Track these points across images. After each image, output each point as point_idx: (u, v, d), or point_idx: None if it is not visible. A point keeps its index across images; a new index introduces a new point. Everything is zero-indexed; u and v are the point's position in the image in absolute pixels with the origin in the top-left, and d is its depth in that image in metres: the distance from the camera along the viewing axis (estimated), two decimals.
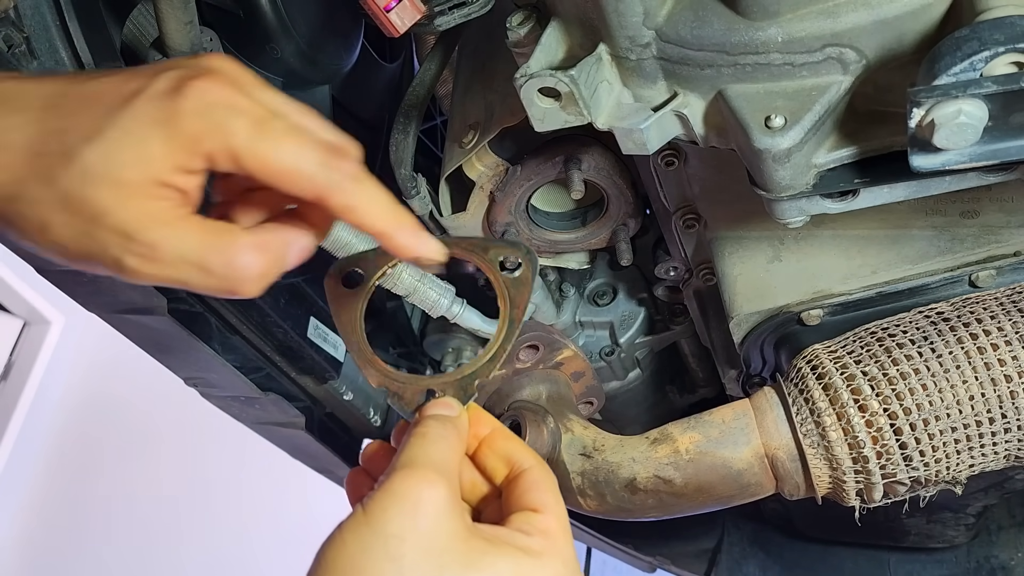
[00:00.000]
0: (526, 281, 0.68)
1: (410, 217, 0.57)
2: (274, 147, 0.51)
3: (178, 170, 0.51)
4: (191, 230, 0.51)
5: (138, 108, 0.50)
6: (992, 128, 0.58)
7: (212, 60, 0.54)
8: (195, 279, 0.52)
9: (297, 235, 0.57)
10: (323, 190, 0.53)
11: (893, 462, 0.72)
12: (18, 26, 0.75)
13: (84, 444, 2.83)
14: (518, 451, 0.63)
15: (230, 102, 0.51)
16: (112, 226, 0.50)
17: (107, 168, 0.50)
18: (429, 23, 0.82)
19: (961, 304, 0.77)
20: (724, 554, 1.50)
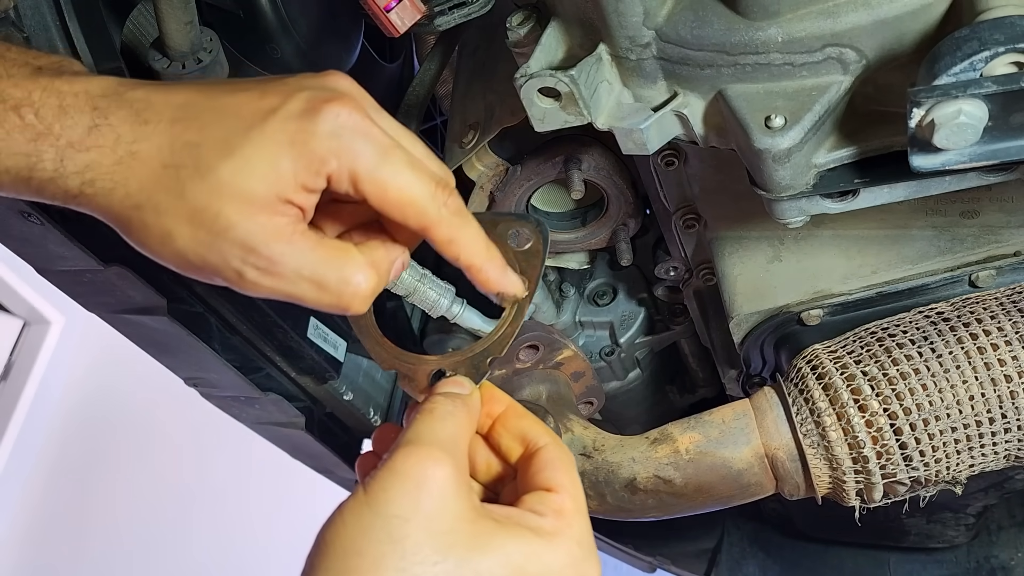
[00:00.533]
0: (537, 253, 0.67)
1: (498, 254, 0.61)
2: (393, 176, 0.54)
3: (302, 188, 0.53)
4: (309, 247, 0.54)
5: (274, 127, 0.52)
6: (992, 128, 0.58)
7: (341, 82, 0.56)
8: (310, 294, 0.55)
9: (399, 252, 0.60)
10: (431, 222, 0.56)
11: (893, 462, 0.72)
12: (18, 26, 0.75)
13: (84, 444, 2.83)
14: (532, 429, 0.61)
15: (360, 127, 0.53)
16: (236, 239, 0.52)
17: (238, 184, 0.52)
18: (429, 23, 0.82)
19: (961, 304, 0.77)
20: (724, 554, 1.50)
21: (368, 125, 0.54)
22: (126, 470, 2.77)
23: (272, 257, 0.53)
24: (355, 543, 0.51)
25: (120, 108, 0.52)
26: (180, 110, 0.53)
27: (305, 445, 1.30)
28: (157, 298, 0.93)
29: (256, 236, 0.52)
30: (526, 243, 0.67)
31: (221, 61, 0.81)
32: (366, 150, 0.53)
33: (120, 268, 0.88)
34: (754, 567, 1.51)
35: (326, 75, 0.57)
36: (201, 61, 0.78)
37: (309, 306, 0.55)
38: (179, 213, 0.52)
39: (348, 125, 0.53)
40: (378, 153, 0.54)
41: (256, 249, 0.53)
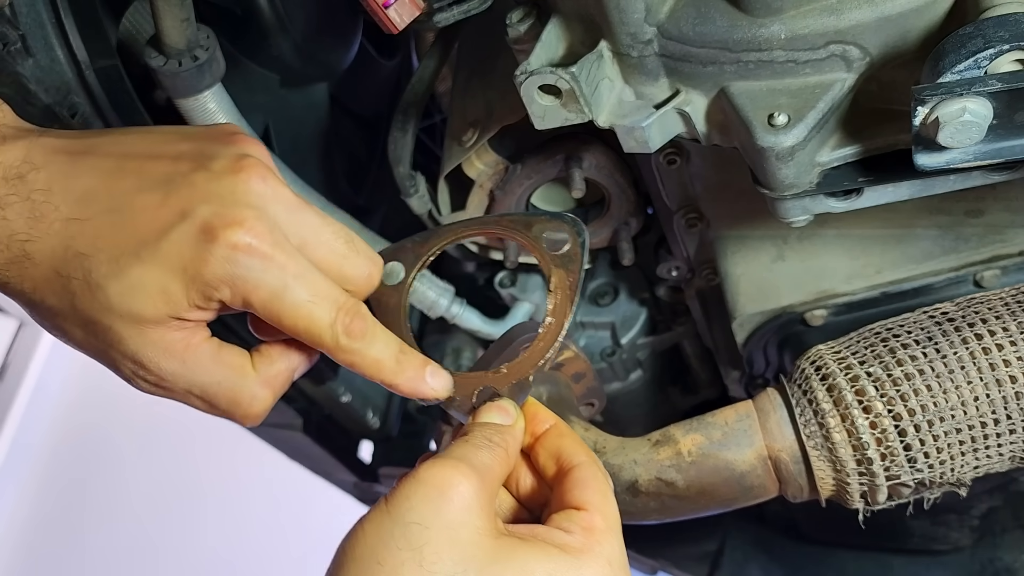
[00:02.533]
0: (575, 257, 0.63)
1: (412, 362, 0.59)
2: (291, 310, 0.53)
3: (194, 308, 0.52)
4: (200, 364, 0.54)
5: (167, 250, 0.51)
6: (996, 126, 0.57)
7: (252, 187, 0.53)
8: (201, 408, 0.56)
9: (302, 359, 0.59)
10: (329, 350, 0.56)
11: (897, 464, 0.71)
12: (13, 24, 0.75)
13: (80, 444, 2.83)
14: (570, 447, 0.60)
15: (257, 255, 0.52)
16: (126, 352, 0.53)
17: (127, 306, 0.51)
18: (428, 20, 0.82)
19: (966, 304, 0.77)
20: (726, 557, 1.50)
21: (268, 250, 0.52)
22: (122, 470, 2.77)
23: (161, 374, 0.54)
24: (374, 552, 0.50)
25: (17, 200, 0.52)
26: (77, 206, 0.52)
27: (303, 447, 1.30)
28: None
29: (146, 353, 0.53)
30: (563, 246, 0.64)
31: (218, 58, 0.80)
32: (261, 281, 0.52)
33: None
34: (757, 570, 1.50)
35: (237, 170, 0.53)
36: (197, 58, 0.78)
37: None
38: (72, 319, 0.53)
39: (244, 254, 0.51)
40: (274, 285, 0.52)
41: (145, 364, 0.53)
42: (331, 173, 1.11)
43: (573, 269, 0.63)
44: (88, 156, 0.54)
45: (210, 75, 0.80)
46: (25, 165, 0.52)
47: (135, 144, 0.56)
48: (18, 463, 2.74)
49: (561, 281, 0.63)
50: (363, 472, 1.41)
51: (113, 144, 0.55)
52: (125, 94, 0.85)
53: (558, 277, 0.64)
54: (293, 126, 1.07)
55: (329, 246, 0.56)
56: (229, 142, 0.56)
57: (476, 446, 0.56)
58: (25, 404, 2.76)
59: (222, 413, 0.56)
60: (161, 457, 2.76)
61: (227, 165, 0.54)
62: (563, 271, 0.63)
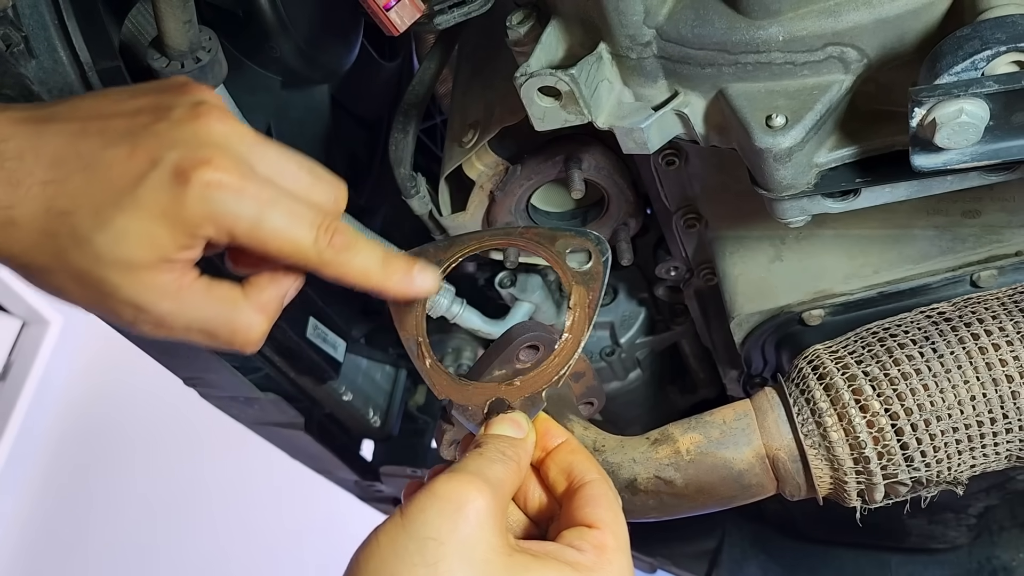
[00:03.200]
0: (597, 275, 0.63)
1: (398, 262, 0.61)
2: (271, 233, 0.55)
3: (181, 248, 0.54)
4: (195, 300, 0.56)
5: (145, 197, 0.53)
6: (993, 127, 0.58)
7: (213, 127, 0.55)
8: (203, 341, 0.57)
9: (290, 283, 0.60)
10: (315, 266, 0.57)
11: (894, 462, 0.72)
12: (16, 25, 0.75)
13: (83, 444, 2.83)
14: (581, 464, 0.60)
15: (231, 188, 0.54)
16: (124, 299, 0.54)
17: (117, 253, 0.53)
18: (429, 22, 0.82)
19: (963, 304, 0.77)
20: (725, 555, 1.50)
21: (240, 184, 0.54)
22: (125, 470, 2.77)
23: (160, 315, 0.55)
24: (388, 565, 0.50)
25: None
26: (51, 169, 0.53)
27: (304, 446, 1.30)
28: None
29: (142, 296, 0.54)
30: (586, 263, 0.64)
31: (220, 60, 0.80)
32: (239, 213, 0.54)
33: None
34: (755, 568, 1.50)
35: (196, 116, 0.55)
36: (200, 60, 0.78)
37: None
38: (65, 274, 0.54)
39: (219, 190, 0.53)
40: (252, 214, 0.54)
41: (144, 308, 0.55)
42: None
43: (594, 287, 0.63)
44: (51, 122, 0.55)
45: (212, 77, 0.80)
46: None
47: (93, 106, 0.57)
48: (21, 462, 2.74)
49: (581, 298, 0.63)
50: (364, 470, 1.41)
51: (73, 109, 0.57)
52: None
53: (578, 294, 0.63)
54: (294, 127, 1.08)
55: (294, 176, 0.58)
56: (183, 91, 0.57)
57: (490, 460, 0.56)
58: (28, 403, 2.76)
59: (223, 343, 0.58)
60: (164, 456, 2.76)
61: (185, 112, 0.55)
62: (584, 288, 0.63)
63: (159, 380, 1.21)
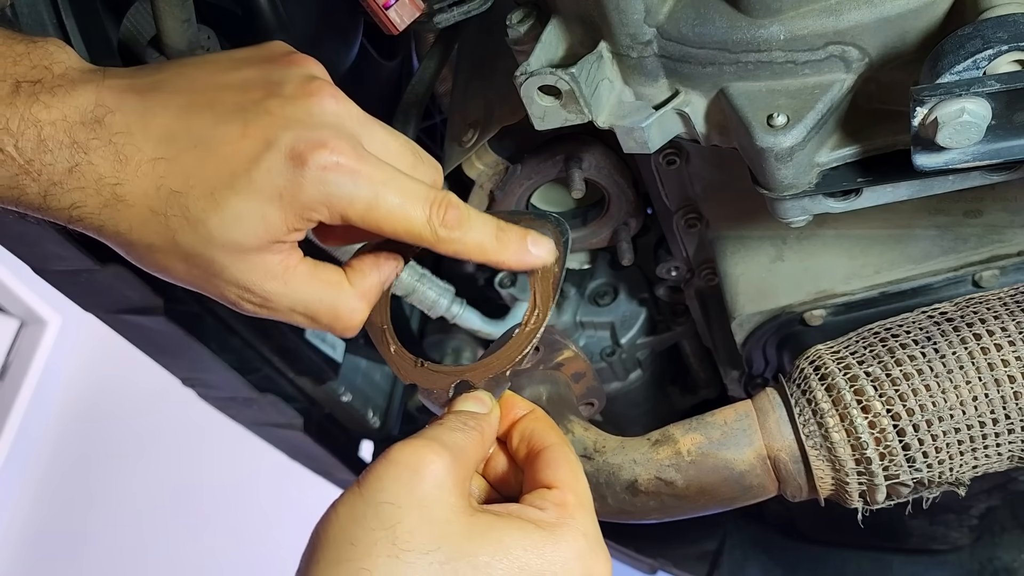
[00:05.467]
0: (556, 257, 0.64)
1: (512, 235, 0.61)
2: (386, 215, 0.55)
3: (292, 231, 0.54)
4: (300, 283, 0.56)
5: (260, 180, 0.52)
6: (995, 127, 0.58)
7: (327, 106, 0.55)
8: (305, 324, 0.58)
9: (391, 269, 0.61)
10: (430, 244, 0.57)
11: (896, 463, 0.71)
12: (14, 24, 0.75)
13: (81, 444, 2.83)
14: (540, 430, 0.60)
15: (347, 171, 0.53)
16: (230, 279, 0.55)
17: (228, 235, 0.53)
18: (428, 21, 0.82)
19: (965, 304, 0.77)
20: (726, 556, 1.50)
21: (355, 165, 0.54)
22: (123, 470, 2.77)
23: (266, 295, 0.55)
24: (346, 532, 0.50)
25: (100, 144, 0.52)
26: (160, 146, 0.52)
27: (303, 446, 1.30)
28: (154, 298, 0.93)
29: (249, 276, 0.54)
30: None
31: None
32: (355, 195, 0.54)
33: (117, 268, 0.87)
34: (756, 569, 1.50)
35: (308, 93, 0.55)
36: None
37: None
38: (173, 253, 0.54)
39: (335, 173, 0.53)
40: (367, 196, 0.54)
41: (250, 288, 0.55)
42: None
43: (554, 269, 0.64)
44: (157, 94, 0.54)
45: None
46: (100, 108, 0.52)
47: (199, 76, 0.56)
48: (20, 462, 2.74)
49: (544, 279, 0.64)
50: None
51: (178, 78, 0.56)
52: None
53: (541, 275, 0.64)
54: None
55: (399, 155, 0.58)
56: (291, 63, 0.57)
57: (449, 428, 0.56)
58: (26, 403, 2.76)
59: (324, 326, 0.58)
60: (162, 456, 2.76)
61: (298, 88, 0.55)
62: (546, 269, 0.64)
63: (158, 380, 1.21)
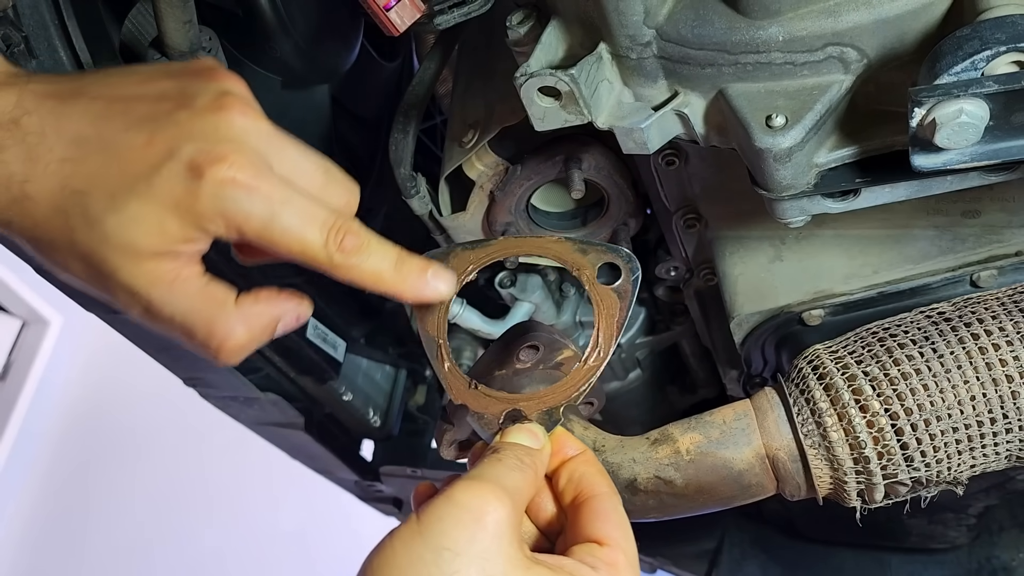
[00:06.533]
0: (625, 294, 0.62)
1: (412, 266, 0.60)
2: (282, 234, 0.55)
3: (187, 241, 0.54)
4: (185, 294, 0.55)
5: (159, 187, 0.53)
6: (993, 128, 0.58)
7: (234, 121, 0.55)
8: (180, 338, 0.57)
9: (290, 307, 0.60)
10: (327, 268, 0.57)
11: (894, 462, 0.72)
12: (16, 25, 0.75)
13: (83, 444, 2.83)
14: (591, 476, 0.59)
15: (245, 186, 0.53)
16: (120, 282, 0.55)
17: (123, 238, 0.53)
18: (429, 22, 0.82)
19: (963, 304, 0.77)
20: (725, 555, 1.50)
21: (253, 182, 0.54)
22: (125, 470, 2.77)
23: (150, 301, 0.55)
24: (402, 572, 0.49)
25: (13, 143, 0.53)
26: (71, 148, 0.54)
27: (304, 445, 1.30)
28: None
29: (138, 281, 0.54)
30: (615, 280, 0.63)
31: (220, 60, 0.80)
32: (251, 212, 0.54)
33: None
34: (755, 568, 1.50)
35: (219, 107, 0.55)
36: None
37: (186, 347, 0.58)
38: (71, 252, 0.55)
39: (232, 187, 0.53)
40: (262, 214, 0.54)
41: (137, 293, 0.55)
42: None
43: (622, 306, 0.62)
44: (77, 99, 0.55)
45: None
46: (18, 110, 0.54)
47: (119, 85, 0.57)
48: (21, 461, 2.74)
49: (608, 316, 0.62)
50: (364, 470, 1.41)
51: (99, 86, 0.57)
52: None
53: (605, 311, 0.62)
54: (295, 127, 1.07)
55: (309, 175, 0.58)
56: (210, 78, 0.57)
57: (509, 467, 0.55)
58: (28, 403, 2.76)
59: (199, 344, 0.57)
60: (164, 456, 2.76)
61: (209, 102, 0.55)
62: (612, 306, 0.62)
63: (159, 380, 1.22)
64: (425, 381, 1.52)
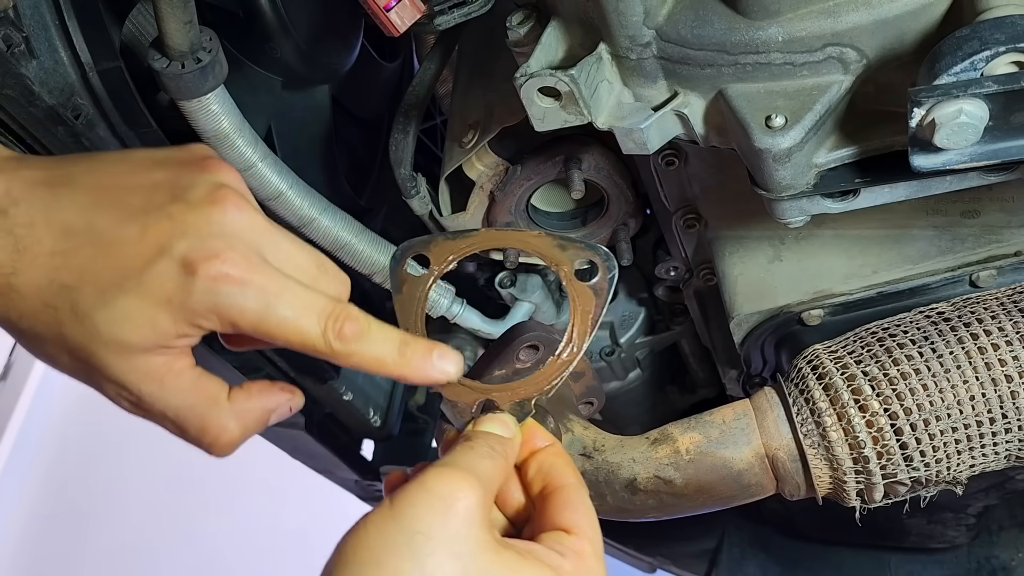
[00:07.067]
0: (601, 291, 0.62)
1: (416, 348, 0.59)
2: (279, 326, 0.54)
3: (179, 337, 0.54)
4: (177, 389, 0.55)
5: (151, 283, 0.52)
6: (993, 128, 0.58)
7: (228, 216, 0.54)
8: (173, 431, 0.57)
9: (283, 400, 0.60)
10: (328, 356, 0.56)
11: (894, 462, 0.72)
12: (17, 26, 0.75)
13: (83, 444, 2.83)
14: (559, 467, 0.60)
15: (238, 282, 0.53)
16: (110, 377, 0.54)
17: (114, 334, 0.53)
18: (429, 22, 0.82)
19: (962, 304, 0.77)
20: (724, 554, 1.50)
21: (246, 276, 0.53)
22: (125, 471, 2.77)
23: (140, 396, 0.55)
24: (375, 555, 0.50)
25: (1, 235, 0.53)
26: (60, 240, 0.53)
27: (305, 445, 1.30)
28: None
29: (128, 376, 0.54)
30: (592, 277, 0.63)
31: (220, 61, 0.80)
32: (245, 306, 0.53)
33: None
34: (754, 567, 1.50)
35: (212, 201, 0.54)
36: (200, 60, 0.78)
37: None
38: (58, 345, 0.54)
39: (225, 282, 0.53)
40: (257, 307, 0.53)
41: (127, 387, 0.54)
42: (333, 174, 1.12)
43: (597, 303, 0.62)
44: (66, 188, 0.55)
45: (213, 77, 0.80)
46: (6, 199, 0.53)
47: (110, 174, 0.56)
48: (22, 462, 2.74)
49: (583, 313, 0.63)
50: (364, 470, 1.41)
51: (89, 174, 0.56)
52: (128, 96, 0.85)
53: (580, 307, 0.63)
54: (295, 128, 1.08)
55: (303, 268, 0.57)
56: (203, 168, 0.56)
57: (480, 455, 0.56)
58: (29, 404, 2.76)
59: (192, 439, 0.57)
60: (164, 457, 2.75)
61: (203, 195, 0.54)
62: (588, 302, 0.63)
63: None
64: None
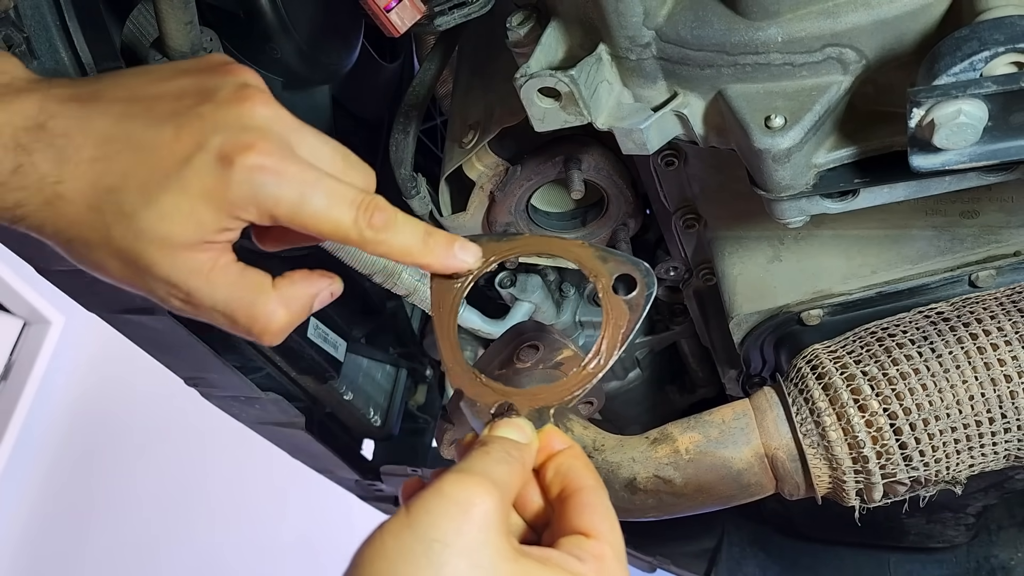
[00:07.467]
0: (637, 307, 0.62)
1: (439, 241, 0.62)
2: (314, 215, 0.56)
3: (221, 231, 0.56)
4: (225, 282, 0.57)
5: (190, 179, 0.54)
6: (992, 128, 0.58)
7: (257, 111, 0.56)
8: (224, 325, 0.59)
9: (323, 284, 0.62)
10: (359, 244, 0.59)
11: (893, 462, 0.72)
12: (18, 26, 0.75)
13: (84, 444, 2.83)
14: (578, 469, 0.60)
15: (274, 171, 0.55)
16: (159, 275, 0.56)
17: (159, 231, 0.55)
18: (429, 23, 0.82)
19: (961, 304, 0.77)
20: (724, 554, 1.50)
21: (281, 166, 0.55)
22: (126, 470, 2.77)
23: (190, 292, 0.57)
24: (392, 564, 0.49)
25: (42, 147, 0.54)
26: (100, 146, 0.55)
27: (305, 445, 1.30)
28: None
29: (176, 273, 0.56)
30: (630, 292, 0.63)
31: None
32: (280, 196, 0.55)
33: None
34: (754, 567, 1.50)
35: (240, 99, 0.56)
36: None
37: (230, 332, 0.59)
38: (107, 250, 0.56)
39: (262, 173, 0.55)
40: (293, 196, 0.55)
41: (176, 284, 0.56)
42: None
43: (631, 318, 0.62)
44: (97, 102, 0.56)
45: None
46: (43, 114, 0.55)
47: (136, 86, 0.58)
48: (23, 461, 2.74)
49: (615, 327, 0.63)
50: (365, 470, 1.42)
51: (116, 88, 0.58)
52: None
53: (613, 321, 0.63)
54: None
55: (330, 160, 0.59)
56: (226, 72, 0.58)
57: (496, 460, 0.56)
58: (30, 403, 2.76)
59: (242, 329, 0.59)
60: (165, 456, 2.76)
61: (230, 94, 0.57)
62: (621, 317, 0.63)
63: (160, 380, 1.22)
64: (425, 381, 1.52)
